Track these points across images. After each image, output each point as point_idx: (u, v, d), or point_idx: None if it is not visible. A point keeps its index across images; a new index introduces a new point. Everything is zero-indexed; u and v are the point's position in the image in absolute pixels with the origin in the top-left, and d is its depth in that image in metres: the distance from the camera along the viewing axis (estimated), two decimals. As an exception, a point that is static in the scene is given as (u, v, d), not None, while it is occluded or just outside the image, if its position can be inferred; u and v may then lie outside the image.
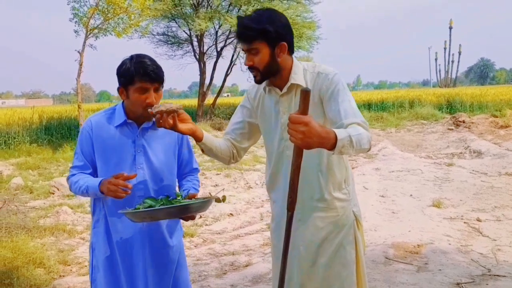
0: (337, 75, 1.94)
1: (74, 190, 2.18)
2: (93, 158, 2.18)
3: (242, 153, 2.22)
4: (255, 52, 1.89)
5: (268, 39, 1.86)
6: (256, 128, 2.18)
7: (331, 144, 1.57)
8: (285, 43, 1.89)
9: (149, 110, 1.86)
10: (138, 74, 2.02)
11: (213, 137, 2.09)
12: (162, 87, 2.15)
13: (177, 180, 2.38)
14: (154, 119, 1.91)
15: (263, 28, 1.84)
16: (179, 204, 1.94)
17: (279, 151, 2.05)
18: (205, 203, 2.01)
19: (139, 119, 2.16)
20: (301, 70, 1.98)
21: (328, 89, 1.91)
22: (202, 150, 2.05)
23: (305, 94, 1.53)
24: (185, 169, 2.39)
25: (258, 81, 1.98)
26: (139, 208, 1.96)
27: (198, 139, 1.98)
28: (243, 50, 1.96)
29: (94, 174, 2.21)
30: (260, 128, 2.16)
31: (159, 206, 1.95)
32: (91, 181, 2.10)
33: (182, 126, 1.88)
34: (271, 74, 1.95)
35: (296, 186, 1.67)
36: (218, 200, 2.16)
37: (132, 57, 2.10)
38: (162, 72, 2.11)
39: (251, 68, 1.93)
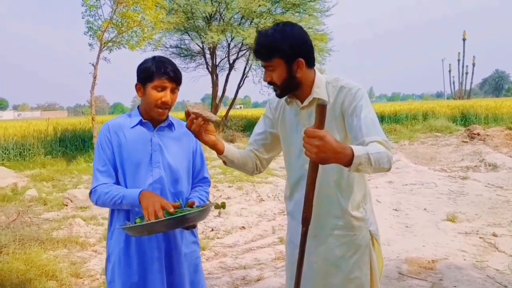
0: (360, 90, 1.90)
1: (103, 200, 2.12)
2: (114, 161, 2.19)
3: (265, 164, 2.22)
4: (272, 69, 1.88)
5: (284, 56, 1.84)
6: (278, 138, 2.16)
7: (347, 160, 1.54)
8: (301, 59, 1.86)
9: (187, 108, 1.86)
10: (159, 71, 2.09)
11: (235, 149, 2.09)
12: (178, 90, 2.20)
13: None
14: (185, 121, 1.91)
15: (277, 46, 1.82)
16: (175, 216, 1.90)
17: (298, 164, 2.02)
18: (202, 212, 1.98)
19: (153, 121, 2.20)
20: (323, 84, 1.95)
21: (350, 104, 1.87)
22: (224, 162, 2.05)
23: (322, 108, 1.52)
24: (196, 178, 2.38)
25: (279, 96, 1.97)
26: (137, 223, 1.95)
27: (220, 152, 1.98)
28: (261, 65, 1.95)
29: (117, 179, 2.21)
30: (281, 139, 2.14)
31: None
32: (128, 191, 2.08)
33: (205, 136, 1.90)
34: (291, 89, 1.93)
35: (311, 201, 1.65)
36: (217, 207, 2.15)
37: (154, 57, 2.17)
38: (181, 75, 2.19)
39: (270, 83, 1.92)
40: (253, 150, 2.17)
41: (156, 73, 2.09)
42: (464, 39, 46.42)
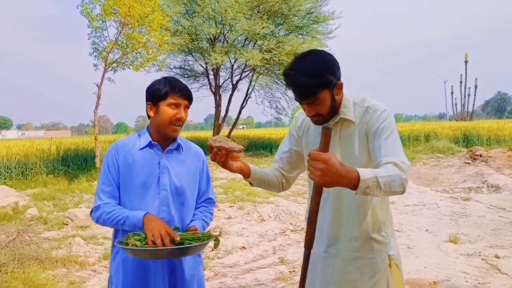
0: (386, 111, 1.87)
1: (104, 219, 2.13)
2: (119, 182, 2.19)
3: (291, 181, 2.20)
4: (317, 103, 1.81)
5: (329, 87, 1.79)
6: (303, 156, 2.14)
7: (353, 184, 1.51)
8: (341, 82, 1.84)
9: (210, 142, 1.85)
10: (172, 90, 2.13)
11: (261, 171, 2.06)
12: (189, 108, 2.23)
13: None
14: (210, 153, 1.89)
15: (325, 80, 1.77)
16: (180, 246, 1.90)
17: None
18: (206, 244, 1.98)
19: (164, 140, 2.22)
20: (351, 104, 1.92)
21: (374, 125, 1.84)
22: (251, 183, 2.04)
23: (326, 131, 1.50)
24: (201, 198, 2.37)
25: (321, 124, 1.87)
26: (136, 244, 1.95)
27: (246, 176, 1.97)
28: (300, 102, 1.86)
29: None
30: (304, 157, 2.11)
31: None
32: (132, 212, 2.08)
33: (232, 164, 1.88)
34: (332, 116, 1.90)
35: (314, 223, 1.61)
36: (216, 241, 2.12)
37: (165, 77, 2.23)
38: (191, 93, 2.23)
39: (313, 116, 1.86)
40: (279, 168, 2.16)
41: (170, 91, 2.13)
42: (466, 61, 46.69)
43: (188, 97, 2.19)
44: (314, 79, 1.74)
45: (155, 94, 2.16)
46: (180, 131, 2.22)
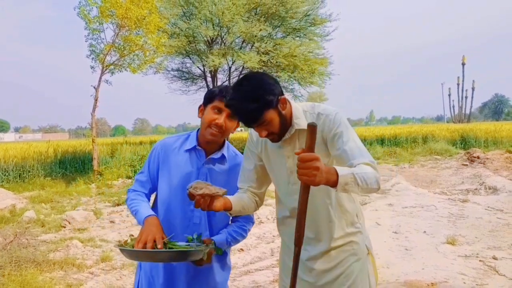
0: (338, 114, 1.89)
1: (128, 204, 2.24)
2: (156, 177, 2.25)
3: (263, 197, 2.19)
4: (266, 124, 1.82)
5: (271, 106, 1.80)
6: (267, 170, 2.14)
7: (333, 180, 1.57)
8: (283, 96, 1.85)
9: (190, 190, 1.81)
10: (220, 94, 2.13)
11: (237, 199, 2.03)
12: (236, 119, 2.14)
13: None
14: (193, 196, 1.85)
15: (265, 101, 1.78)
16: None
17: (288, 195, 2.02)
18: (194, 252, 1.97)
19: (208, 146, 2.21)
20: (301, 113, 1.93)
21: (330, 130, 1.86)
22: (230, 214, 2.04)
23: (312, 128, 1.51)
24: None
25: (277, 141, 1.93)
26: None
27: (229, 210, 1.95)
28: (251, 127, 1.90)
29: (151, 193, 2.29)
30: (267, 170, 2.12)
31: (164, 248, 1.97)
32: (142, 210, 2.13)
33: (215, 205, 1.85)
34: (286, 130, 1.90)
35: (303, 221, 1.63)
36: (213, 252, 2.13)
37: (224, 84, 2.20)
38: None
39: (266, 136, 1.87)
40: (249, 189, 2.12)
41: (218, 95, 2.13)
42: (463, 64, 46.87)
43: None
44: (254, 103, 1.76)
45: (207, 96, 2.19)
46: (220, 139, 2.19)
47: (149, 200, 2.28)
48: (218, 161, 2.24)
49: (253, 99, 1.76)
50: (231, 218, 2.30)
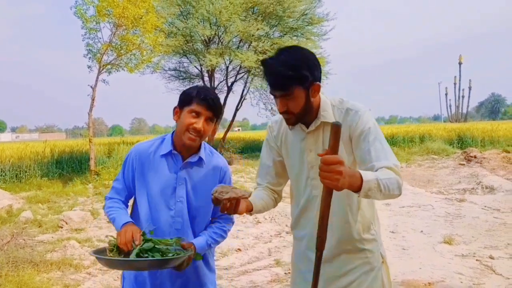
0: (367, 112, 1.84)
1: (105, 211, 2.21)
2: (131, 185, 2.20)
3: (281, 193, 2.16)
4: (290, 98, 1.77)
5: (304, 84, 1.75)
6: (286, 166, 2.10)
7: (357, 185, 1.50)
8: (319, 83, 1.80)
9: (216, 195, 1.74)
10: (198, 96, 2.05)
11: (257, 199, 1.99)
12: (214, 121, 2.14)
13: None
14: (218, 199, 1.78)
15: (300, 74, 1.72)
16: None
17: (306, 191, 1.97)
18: (174, 259, 1.94)
19: (185, 150, 2.14)
20: (329, 107, 1.88)
21: (358, 127, 1.80)
22: (251, 214, 2.00)
23: (337, 128, 1.43)
24: (217, 213, 2.25)
25: (292, 124, 1.88)
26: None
27: (250, 211, 1.92)
28: (274, 95, 1.83)
29: (128, 199, 2.25)
30: (286, 165, 2.08)
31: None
32: (119, 217, 2.10)
33: (241, 207, 1.82)
34: (305, 116, 1.85)
35: (325, 224, 1.57)
36: (197, 258, 2.12)
37: (199, 85, 2.20)
38: (220, 106, 2.14)
39: (285, 112, 1.83)
40: (268, 185, 2.10)
41: (196, 97, 2.05)
42: (460, 63, 46.95)
43: (212, 109, 2.08)
44: (290, 71, 1.71)
45: (182, 99, 2.11)
46: (198, 143, 2.13)
47: (127, 207, 2.23)
48: (196, 164, 2.18)
49: (292, 67, 1.71)
50: (210, 218, 2.28)
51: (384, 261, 2.00)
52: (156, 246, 1.95)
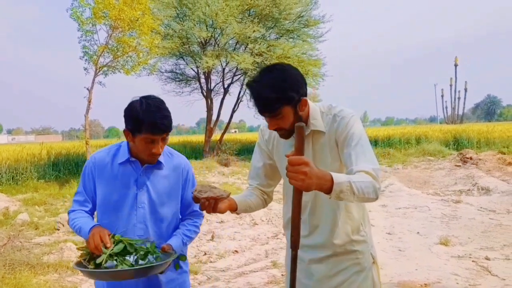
0: (353, 117, 1.86)
1: (70, 225, 2.17)
2: (94, 195, 2.17)
3: (271, 194, 2.18)
4: (279, 118, 1.80)
5: (292, 103, 1.77)
6: (277, 168, 2.13)
7: (328, 187, 1.51)
8: (305, 98, 1.83)
9: (195, 194, 1.78)
10: (147, 125, 1.96)
11: (244, 198, 2.03)
12: (167, 135, 2.09)
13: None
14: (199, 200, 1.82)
15: (287, 95, 1.75)
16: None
17: None
18: (160, 266, 1.94)
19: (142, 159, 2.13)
20: (319, 114, 1.91)
21: (343, 132, 1.83)
22: (236, 214, 2.03)
23: (300, 129, 1.47)
24: (187, 210, 2.30)
25: (286, 138, 1.90)
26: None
27: (234, 210, 1.94)
28: (264, 116, 1.85)
29: (93, 211, 2.21)
30: (278, 168, 2.11)
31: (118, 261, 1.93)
32: (85, 224, 2.08)
33: (220, 207, 1.83)
34: None
35: (297, 223, 1.60)
36: (181, 258, 2.15)
37: (141, 102, 2.00)
38: (171, 121, 2.05)
39: (276, 130, 1.86)
40: (257, 186, 2.12)
41: (145, 126, 1.96)
42: (456, 65, 47.13)
43: (165, 131, 2.02)
44: (275, 94, 1.73)
45: (131, 123, 2.02)
46: (159, 157, 2.11)
47: (92, 218, 2.21)
48: (156, 168, 2.15)
49: (276, 89, 1.74)
50: (180, 217, 2.29)
51: (374, 261, 2.02)
52: (127, 248, 1.95)
